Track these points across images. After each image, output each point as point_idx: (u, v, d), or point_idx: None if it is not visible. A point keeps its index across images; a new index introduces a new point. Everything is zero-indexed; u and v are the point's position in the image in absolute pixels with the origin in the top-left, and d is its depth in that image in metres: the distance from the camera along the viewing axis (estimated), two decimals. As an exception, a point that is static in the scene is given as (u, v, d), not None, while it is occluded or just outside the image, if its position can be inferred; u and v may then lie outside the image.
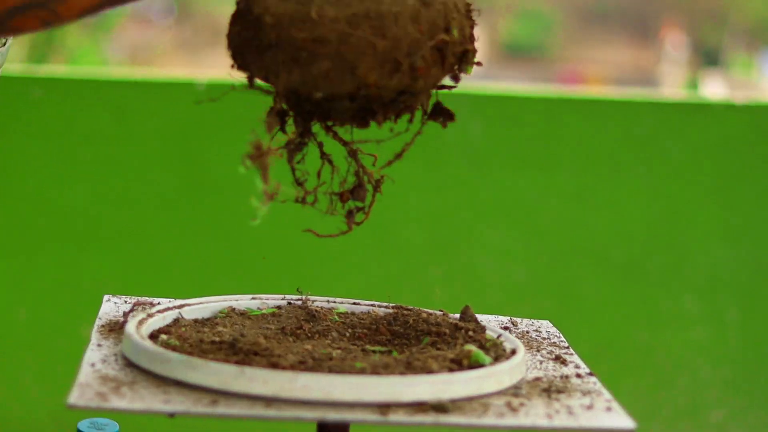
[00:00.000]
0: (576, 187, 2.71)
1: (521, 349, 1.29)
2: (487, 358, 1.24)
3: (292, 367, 1.15)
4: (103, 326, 1.35)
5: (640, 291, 2.74)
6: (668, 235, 2.75)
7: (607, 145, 2.73)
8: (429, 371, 1.18)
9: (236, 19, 1.21)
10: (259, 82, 1.23)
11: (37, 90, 2.46)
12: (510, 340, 1.34)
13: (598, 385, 1.26)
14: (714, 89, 10.35)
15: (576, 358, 1.36)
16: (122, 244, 2.55)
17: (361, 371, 1.16)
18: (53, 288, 2.52)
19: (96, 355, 1.22)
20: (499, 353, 1.28)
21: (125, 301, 1.47)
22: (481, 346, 1.29)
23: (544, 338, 1.45)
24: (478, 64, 1.28)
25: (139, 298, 1.47)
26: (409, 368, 1.18)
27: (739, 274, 2.76)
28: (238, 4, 1.22)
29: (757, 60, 13.00)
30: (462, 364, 1.22)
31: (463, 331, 1.33)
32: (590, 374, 1.30)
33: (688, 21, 14.67)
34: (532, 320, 1.52)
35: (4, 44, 1.51)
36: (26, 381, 2.53)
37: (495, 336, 1.34)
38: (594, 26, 15.86)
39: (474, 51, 1.24)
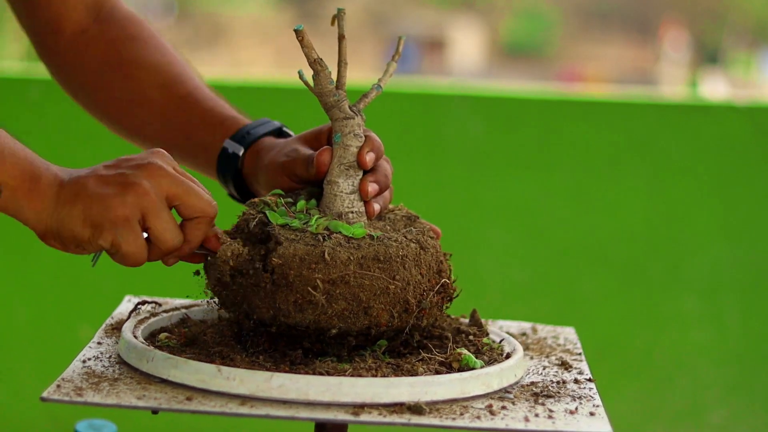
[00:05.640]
0: (576, 187, 2.71)
1: (518, 353, 1.28)
2: (477, 362, 1.22)
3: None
4: (110, 325, 1.36)
5: (640, 291, 2.74)
6: (668, 235, 2.74)
7: (607, 145, 2.73)
8: (413, 374, 1.18)
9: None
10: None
11: None
12: (512, 345, 1.32)
13: (593, 391, 1.24)
14: (714, 88, 10.36)
15: (583, 365, 1.34)
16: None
17: (343, 372, 1.17)
18: (53, 288, 2.51)
19: (91, 352, 1.25)
20: (494, 357, 1.28)
21: (145, 302, 1.47)
22: (477, 350, 1.29)
23: (559, 344, 1.44)
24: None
25: (149, 299, 1.47)
26: (397, 371, 1.19)
27: (739, 275, 2.76)
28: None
29: (757, 59, 13.00)
30: (452, 366, 1.22)
31: (464, 335, 1.33)
32: (590, 380, 1.28)
33: (688, 20, 14.68)
34: (555, 327, 1.51)
35: None
36: (25, 381, 2.53)
37: (498, 340, 1.33)
38: (594, 26, 15.86)
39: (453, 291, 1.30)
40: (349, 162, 1.26)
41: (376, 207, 1.27)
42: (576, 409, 1.18)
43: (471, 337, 1.32)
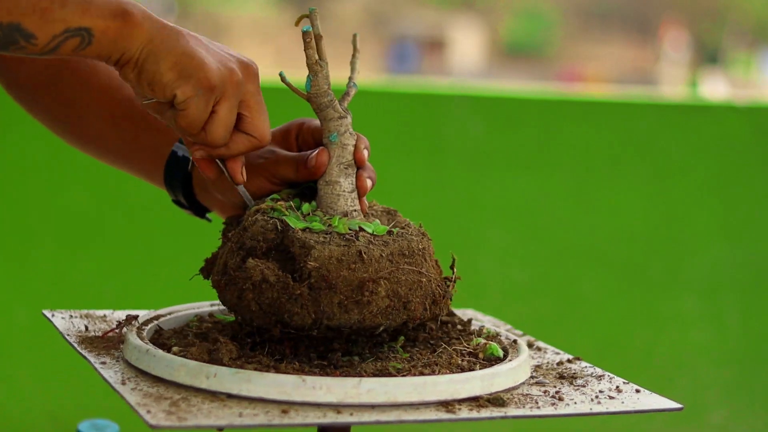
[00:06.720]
0: (576, 187, 2.71)
1: (520, 340, 1.31)
2: (499, 350, 1.26)
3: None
4: (81, 342, 1.31)
5: (640, 291, 2.74)
6: (668, 235, 2.74)
7: (606, 145, 2.73)
8: (461, 367, 1.20)
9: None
10: None
11: None
12: (500, 329, 1.37)
13: (598, 369, 1.29)
14: (714, 88, 10.36)
15: (543, 344, 1.39)
16: (121, 245, 2.54)
17: (399, 372, 1.17)
18: (52, 289, 2.51)
19: (114, 374, 1.19)
20: (502, 344, 1.30)
21: (71, 315, 1.44)
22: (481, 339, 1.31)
23: (492, 326, 1.47)
24: None
25: (88, 312, 1.44)
26: (440, 365, 1.20)
27: (739, 275, 2.76)
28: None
29: (757, 59, 13.01)
30: (478, 356, 1.24)
31: (449, 325, 1.34)
32: (577, 358, 1.33)
33: (688, 20, 14.69)
34: (463, 310, 1.52)
35: None
36: (25, 382, 2.53)
37: (478, 328, 1.36)
38: (594, 26, 15.88)
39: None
40: (348, 161, 1.26)
41: (366, 203, 1.27)
42: (617, 387, 1.23)
43: (459, 327, 1.34)
